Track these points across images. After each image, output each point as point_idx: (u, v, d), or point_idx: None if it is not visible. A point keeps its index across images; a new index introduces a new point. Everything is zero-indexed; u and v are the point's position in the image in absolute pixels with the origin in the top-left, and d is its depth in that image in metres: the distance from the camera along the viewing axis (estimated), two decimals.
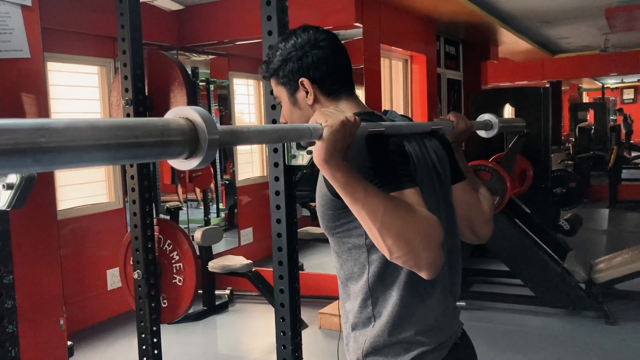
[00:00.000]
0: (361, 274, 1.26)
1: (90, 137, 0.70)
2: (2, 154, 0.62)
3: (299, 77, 1.30)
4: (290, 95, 1.33)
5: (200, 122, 0.81)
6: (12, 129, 0.63)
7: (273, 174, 2.12)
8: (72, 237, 4.35)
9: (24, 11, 1.97)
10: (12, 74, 1.97)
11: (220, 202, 6.41)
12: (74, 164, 0.71)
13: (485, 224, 1.43)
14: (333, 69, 1.31)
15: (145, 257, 2.62)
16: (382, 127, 1.17)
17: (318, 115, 1.05)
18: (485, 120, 1.72)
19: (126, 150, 0.75)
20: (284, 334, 2.15)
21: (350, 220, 1.21)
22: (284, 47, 1.32)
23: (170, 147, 0.79)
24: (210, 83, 6.04)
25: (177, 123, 0.80)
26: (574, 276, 4.34)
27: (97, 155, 0.72)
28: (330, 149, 1.02)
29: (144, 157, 0.79)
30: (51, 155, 0.66)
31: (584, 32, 8.00)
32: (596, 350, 3.77)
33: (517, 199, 5.19)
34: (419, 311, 1.25)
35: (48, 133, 0.66)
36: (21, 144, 0.63)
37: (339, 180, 1.05)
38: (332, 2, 4.64)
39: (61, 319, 2.19)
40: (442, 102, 6.85)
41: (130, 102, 2.54)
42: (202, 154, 0.81)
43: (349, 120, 1.04)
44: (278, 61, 1.32)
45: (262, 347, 4.04)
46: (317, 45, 1.30)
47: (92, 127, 0.71)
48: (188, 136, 0.80)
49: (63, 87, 4.43)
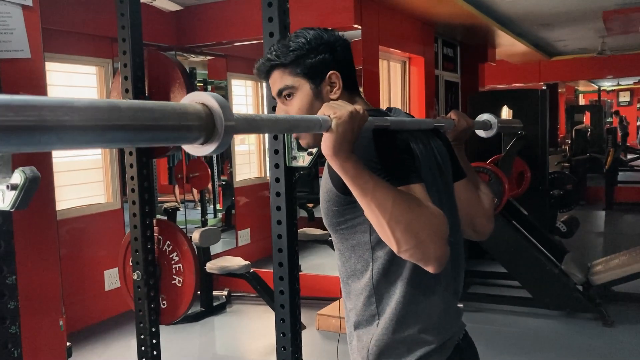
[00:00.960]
0: (364, 271, 1.26)
1: (110, 117, 0.70)
2: (27, 130, 0.61)
3: (330, 70, 1.28)
4: (314, 87, 1.29)
5: (217, 107, 0.81)
6: (37, 106, 0.63)
7: (274, 176, 2.12)
8: (70, 238, 4.34)
9: (24, 11, 1.97)
10: (12, 74, 1.97)
11: (218, 203, 6.40)
12: (95, 144, 0.72)
13: (486, 221, 1.45)
14: (353, 68, 1.35)
15: (144, 258, 2.62)
16: (388, 122, 1.19)
17: (326, 107, 1.06)
18: (485, 120, 1.73)
19: (145, 133, 0.75)
20: (284, 336, 2.15)
21: (355, 216, 1.22)
22: (309, 37, 1.28)
23: (188, 131, 0.79)
24: (207, 84, 6.04)
25: (195, 108, 0.80)
26: (571, 278, 4.36)
27: (117, 135, 0.72)
28: (339, 140, 1.03)
29: (161, 141, 0.79)
30: (74, 133, 0.66)
31: (581, 34, 8.03)
32: (593, 352, 3.78)
33: (515, 201, 5.21)
34: (422, 308, 1.25)
35: (71, 111, 0.66)
36: (46, 121, 0.63)
37: (348, 172, 1.06)
38: (332, 4, 4.65)
39: (61, 320, 2.18)
40: (440, 104, 6.86)
41: None
42: (218, 139, 0.81)
43: (357, 112, 1.05)
44: (303, 49, 1.27)
45: (259, 349, 4.04)
46: (344, 45, 1.32)
47: (113, 107, 0.71)
48: (205, 121, 0.80)
49: (61, 88, 4.42)
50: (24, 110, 0.61)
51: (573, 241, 6.02)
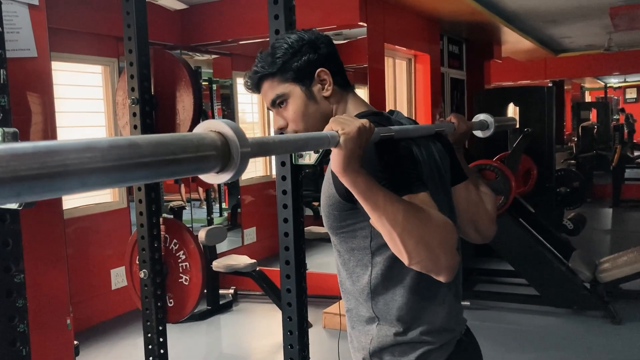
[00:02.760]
0: (363, 274, 1.26)
1: (131, 155, 0.69)
2: (49, 177, 0.60)
3: (317, 68, 1.28)
4: (305, 88, 1.28)
5: (233, 135, 0.80)
6: (59, 151, 0.62)
7: (280, 173, 2.12)
8: (77, 237, 4.36)
9: (31, 10, 1.97)
10: (19, 73, 1.97)
11: (223, 202, 6.40)
12: (116, 184, 0.70)
13: (489, 223, 1.44)
14: (341, 62, 1.34)
15: (151, 257, 2.62)
16: (393, 132, 1.18)
17: (333, 123, 1.05)
18: (481, 120, 1.73)
19: (164, 167, 0.74)
20: (291, 334, 2.15)
21: (356, 221, 1.22)
22: (290, 42, 1.28)
23: (205, 162, 0.78)
24: (213, 82, 6.04)
25: (211, 138, 0.79)
26: (579, 276, 4.34)
27: (138, 174, 0.71)
28: (348, 156, 1.02)
29: (180, 173, 0.78)
30: (97, 175, 0.65)
31: (588, 31, 7.99)
32: (601, 350, 3.76)
33: (522, 199, 5.19)
34: (425, 313, 1.25)
35: (92, 153, 0.65)
36: (68, 166, 0.62)
37: (359, 187, 1.05)
38: (337, 2, 4.64)
39: (68, 319, 2.19)
40: (446, 102, 6.84)
41: (137, 101, 2.54)
42: (234, 167, 0.81)
43: (364, 127, 1.04)
44: (288, 54, 1.27)
45: (266, 347, 4.04)
46: (324, 41, 1.31)
47: (132, 144, 0.70)
48: (221, 150, 0.79)
49: (67, 87, 4.43)
50: (44, 157, 0.60)
51: (580, 239, 6.00)
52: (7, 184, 0.57)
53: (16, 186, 0.58)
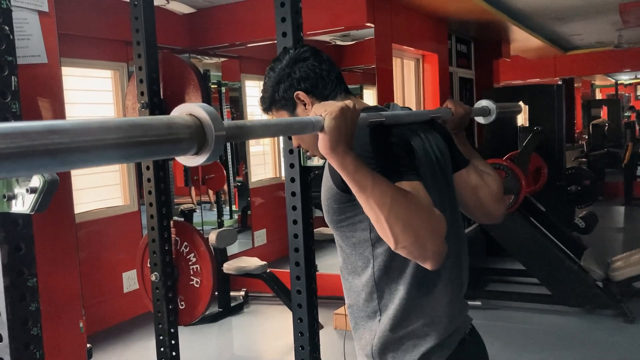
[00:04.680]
0: (365, 267, 1.27)
1: (100, 136, 0.72)
2: (17, 156, 0.63)
3: (293, 93, 1.34)
4: (291, 113, 1.37)
5: (206, 118, 0.82)
6: (26, 132, 0.64)
7: (289, 175, 2.12)
8: (88, 241, 4.39)
9: (41, 17, 1.99)
10: (30, 79, 1.99)
11: (233, 204, 6.42)
12: (87, 163, 0.73)
13: (496, 203, 1.44)
14: (320, 74, 1.36)
15: (162, 259, 2.63)
16: (383, 117, 1.19)
17: (317, 107, 1.08)
18: (483, 106, 1.71)
19: (137, 148, 0.76)
20: (302, 335, 2.16)
21: (355, 214, 1.23)
22: (272, 74, 1.38)
23: (178, 143, 0.80)
24: (221, 85, 6.06)
25: (183, 119, 0.81)
26: (591, 274, 4.31)
27: (109, 153, 0.73)
28: (335, 136, 1.04)
29: (154, 154, 0.80)
30: (65, 155, 0.68)
31: (597, 28, 7.93)
32: (614, 349, 3.73)
33: (532, 197, 5.16)
34: (425, 303, 1.26)
35: (60, 134, 0.68)
36: (36, 146, 0.65)
37: (347, 168, 1.07)
38: (344, 3, 4.65)
39: (80, 322, 2.20)
40: None
41: (146, 105, 2.56)
42: (209, 149, 0.83)
43: (347, 107, 1.06)
44: (271, 88, 1.37)
45: (277, 348, 4.05)
46: (300, 59, 1.36)
47: (102, 127, 0.72)
48: (195, 132, 0.81)
49: (77, 92, 4.47)
50: (17, 137, 0.63)
51: (592, 237, 5.96)
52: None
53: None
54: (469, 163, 1.45)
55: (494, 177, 1.46)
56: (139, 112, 2.58)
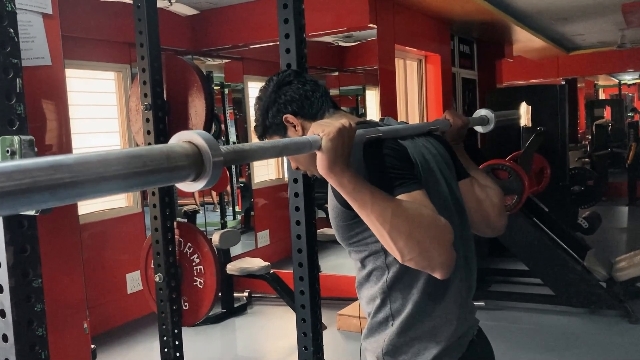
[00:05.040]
0: (381, 276, 1.27)
1: (100, 170, 0.73)
2: (20, 193, 0.64)
3: (282, 117, 1.36)
4: (283, 137, 1.38)
5: (204, 145, 0.84)
6: (29, 169, 0.66)
7: (292, 176, 2.13)
8: (92, 242, 4.40)
9: (45, 19, 2.00)
10: (34, 81, 2.00)
11: (237, 205, 6.43)
12: (89, 196, 0.74)
13: (498, 216, 1.45)
14: (305, 95, 1.37)
15: (166, 261, 2.64)
16: (380, 132, 1.19)
17: (314, 127, 1.09)
18: (482, 115, 1.74)
19: (137, 178, 0.77)
20: (305, 336, 2.16)
21: (364, 229, 1.23)
22: (261, 103, 1.40)
23: (177, 171, 0.82)
24: (224, 87, 6.07)
25: (182, 148, 0.83)
26: (594, 275, 4.30)
27: (110, 185, 0.75)
28: (332, 157, 1.05)
29: (153, 183, 0.82)
30: (67, 190, 0.69)
31: (600, 28, 7.92)
32: (618, 349, 3.73)
33: (535, 198, 5.16)
34: (436, 306, 1.26)
35: (61, 171, 0.69)
36: (38, 183, 0.66)
37: (346, 187, 1.07)
38: (346, 4, 4.65)
39: (85, 323, 2.21)
40: (457, 102, 6.82)
41: (150, 107, 2.56)
42: (207, 175, 0.84)
43: (344, 127, 1.07)
44: (261, 116, 1.39)
45: (280, 349, 4.06)
46: (283, 83, 1.38)
47: (102, 160, 0.74)
48: (193, 160, 0.83)
49: (81, 94, 4.48)
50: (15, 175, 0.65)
51: (595, 237, 5.95)
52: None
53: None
54: (469, 175, 1.45)
55: (494, 190, 1.46)
56: (142, 113, 2.59)
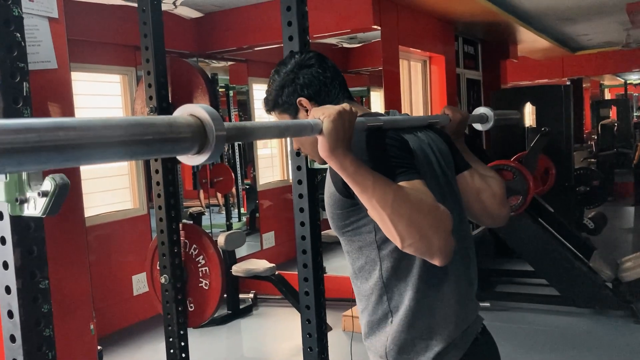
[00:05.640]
0: (373, 270, 1.28)
1: (104, 133, 0.74)
2: (25, 151, 0.65)
3: (296, 98, 1.36)
4: (293, 118, 1.38)
5: (207, 118, 0.84)
6: (35, 128, 0.67)
7: (296, 178, 2.14)
8: (98, 244, 4.42)
9: (51, 23, 2.02)
10: (41, 84, 2.02)
11: (242, 207, 6.45)
12: (93, 159, 0.75)
13: (499, 206, 1.45)
14: (324, 82, 1.37)
15: (172, 262, 2.65)
16: (381, 121, 1.21)
17: (315, 110, 1.10)
18: (481, 113, 1.79)
19: (140, 146, 0.78)
20: (310, 336, 2.17)
21: (359, 218, 1.24)
22: (277, 78, 1.39)
23: (180, 142, 0.82)
24: (229, 89, 6.10)
25: (185, 119, 0.83)
26: (600, 275, 4.29)
27: (113, 151, 0.75)
28: (334, 138, 1.06)
29: (156, 153, 0.82)
30: (71, 151, 0.70)
31: (605, 28, 7.90)
32: (624, 350, 3.72)
33: (540, 198, 5.15)
34: (434, 302, 1.27)
35: (66, 130, 0.70)
36: (43, 142, 0.67)
37: (347, 169, 1.08)
38: (350, 5, 4.66)
39: (91, 324, 2.23)
40: (462, 102, 6.82)
41: (155, 109, 2.58)
42: (210, 148, 0.84)
43: (344, 110, 1.09)
44: (275, 91, 1.39)
45: (286, 350, 4.06)
46: (305, 65, 1.37)
47: (105, 125, 0.74)
48: (196, 132, 0.83)
49: (86, 96, 4.51)
50: (22, 133, 0.66)
51: (601, 238, 5.93)
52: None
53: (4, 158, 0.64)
54: (470, 167, 1.46)
55: (496, 179, 1.47)
56: (148, 116, 2.61)
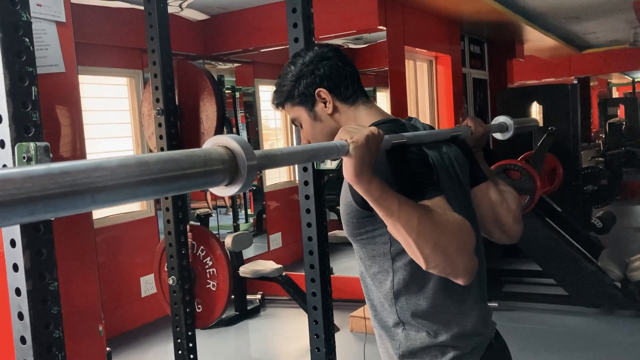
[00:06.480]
0: (385, 280, 1.26)
1: (139, 173, 0.73)
2: (61, 196, 0.64)
3: (315, 89, 1.33)
4: (309, 111, 1.36)
5: (239, 149, 0.84)
6: (70, 171, 0.65)
7: (302, 178, 2.14)
8: (107, 246, 4.44)
9: (58, 27, 2.03)
10: (48, 88, 2.04)
11: (249, 208, 6.46)
12: (127, 200, 0.74)
13: (514, 223, 1.42)
14: (344, 75, 1.35)
15: (179, 263, 2.67)
16: (405, 137, 1.19)
17: (342, 132, 1.07)
18: (501, 122, 1.75)
19: (174, 183, 0.77)
20: (317, 337, 2.17)
21: (375, 228, 1.23)
22: (293, 69, 1.36)
23: (213, 176, 0.82)
24: (236, 91, 6.11)
25: (218, 152, 0.83)
26: (609, 275, 4.27)
27: (148, 190, 0.74)
28: (359, 164, 1.04)
29: (190, 187, 0.81)
30: (107, 193, 0.69)
31: (612, 26, 7.87)
32: (632, 350, 3.70)
33: (548, 198, 5.14)
34: (453, 317, 1.26)
35: (102, 172, 0.68)
36: (79, 185, 0.65)
37: (373, 194, 1.06)
38: (356, 6, 4.66)
39: (100, 326, 2.24)
40: (468, 102, 6.81)
41: (162, 112, 2.59)
42: (242, 180, 0.84)
43: (373, 135, 1.06)
44: (291, 82, 1.35)
45: (293, 351, 4.07)
46: (324, 57, 1.35)
47: (141, 162, 0.74)
48: (228, 164, 0.83)
49: (94, 99, 4.53)
50: (56, 178, 0.64)
51: (609, 237, 5.90)
52: (21, 204, 0.61)
53: (31, 206, 0.62)
54: (488, 179, 1.44)
55: (512, 194, 1.44)
56: (155, 118, 2.62)
